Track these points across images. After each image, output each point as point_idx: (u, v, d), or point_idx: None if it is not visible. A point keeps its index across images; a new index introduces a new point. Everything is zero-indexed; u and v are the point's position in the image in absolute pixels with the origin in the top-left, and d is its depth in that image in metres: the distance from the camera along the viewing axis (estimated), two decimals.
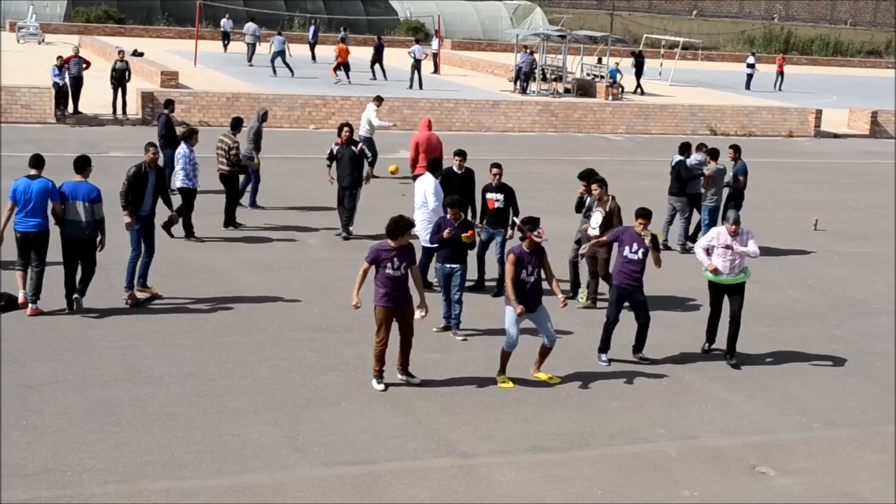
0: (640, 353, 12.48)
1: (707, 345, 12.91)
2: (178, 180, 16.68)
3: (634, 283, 12.14)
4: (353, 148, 17.29)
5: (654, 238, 12.12)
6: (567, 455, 9.74)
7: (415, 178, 18.46)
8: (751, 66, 48.24)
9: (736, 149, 18.28)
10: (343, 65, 39.58)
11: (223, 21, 50.36)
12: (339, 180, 17.29)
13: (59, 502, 8.30)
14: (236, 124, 18.17)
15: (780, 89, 48.49)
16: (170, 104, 20.08)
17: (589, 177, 14.40)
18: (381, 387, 10.94)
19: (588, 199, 14.27)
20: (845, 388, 11.94)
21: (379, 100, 23.25)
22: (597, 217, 13.93)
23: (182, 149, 16.61)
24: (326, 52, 48.43)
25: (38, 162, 13.04)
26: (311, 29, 48.72)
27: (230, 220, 17.57)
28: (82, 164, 12.99)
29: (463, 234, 12.52)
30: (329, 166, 17.54)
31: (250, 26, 44.42)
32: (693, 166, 17.79)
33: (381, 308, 10.83)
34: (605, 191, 14.10)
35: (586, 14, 75.24)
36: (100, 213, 12.77)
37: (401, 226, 10.92)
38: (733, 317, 12.51)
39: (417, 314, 11.10)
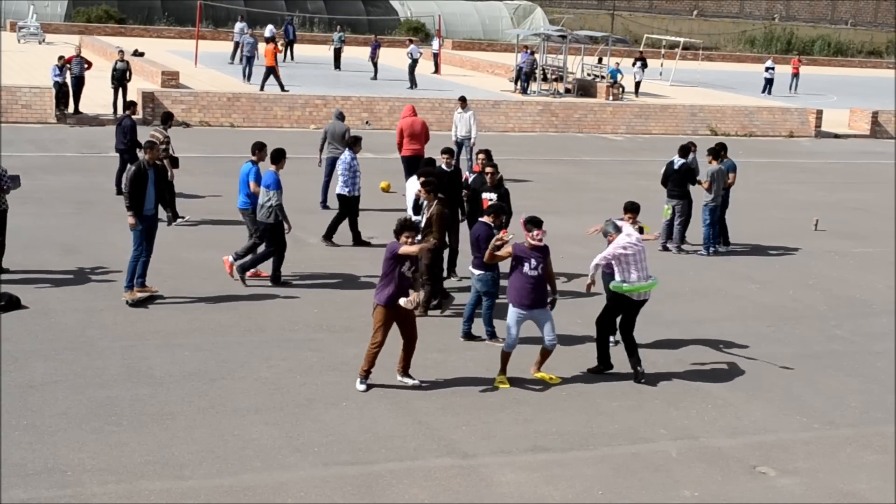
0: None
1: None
2: (337, 187, 16.67)
3: None
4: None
5: (640, 229, 12.49)
6: (567, 455, 9.74)
7: (403, 159, 19.85)
8: (770, 69, 46.63)
9: (723, 147, 18.23)
10: (267, 69, 34.61)
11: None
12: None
13: (59, 502, 8.30)
14: (166, 119, 18.27)
15: (795, 91, 48.11)
16: (131, 105, 19.93)
17: (424, 177, 13.67)
18: (363, 387, 10.88)
19: (423, 200, 13.55)
20: (845, 388, 11.94)
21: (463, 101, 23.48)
22: (424, 220, 13.21)
23: (344, 155, 16.54)
24: (314, 51, 48.45)
25: (254, 147, 14.88)
26: (289, 28, 48.06)
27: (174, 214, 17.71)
28: (275, 156, 14.57)
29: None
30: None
31: (239, 25, 44.22)
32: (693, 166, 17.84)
33: (384, 308, 10.73)
34: (433, 196, 13.26)
35: (587, 14, 75.24)
36: (275, 200, 14.09)
37: (407, 227, 10.87)
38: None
39: (406, 300, 10.68)
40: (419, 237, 12.61)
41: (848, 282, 16.74)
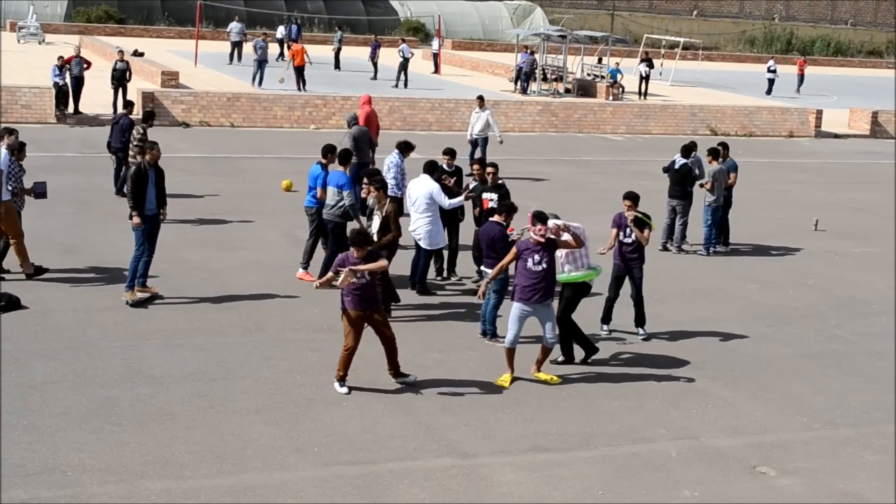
0: (643, 327, 13.14)
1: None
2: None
3: (630, 263, 12.97)
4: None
5: (636, 218, 12.80)
6: (567, 455, 9.74)
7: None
8: (772, 70, 46.37)
9: (724, 147, 18.25)
10: (298, 69, 35.29)
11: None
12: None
13: (59, 502, 8.30)
14: (148, 117, 18.18)
15: (798, 92, 48.04)
16: (129, 105, 19.95)
17: (370, 176, 13.62)
18: (345, 390, 10.82)
19: (371, 201, 13.47)
20: (845, 388, 11.94)
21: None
22: (376, 221, 13.14)
23: (393, 157, 16.43)
24: (314, 51, 48.48)
25: (324, 151, 14.86)
26: (293, 28, 47.99)
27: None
28: (343, 156, 14.74)
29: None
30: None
31: (237, 26, 44.22)
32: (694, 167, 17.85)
33: (349, 311, 10.71)
34: (384, 194, 13.25)
35: (587, 14, 75.24)
36: (349, 200, 14.01)
37: (358, 241, 10.71)
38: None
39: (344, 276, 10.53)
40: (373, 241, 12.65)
41: (848, 282, 16.74)
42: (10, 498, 8.28)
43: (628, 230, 12.89)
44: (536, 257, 11.10)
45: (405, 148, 16.24)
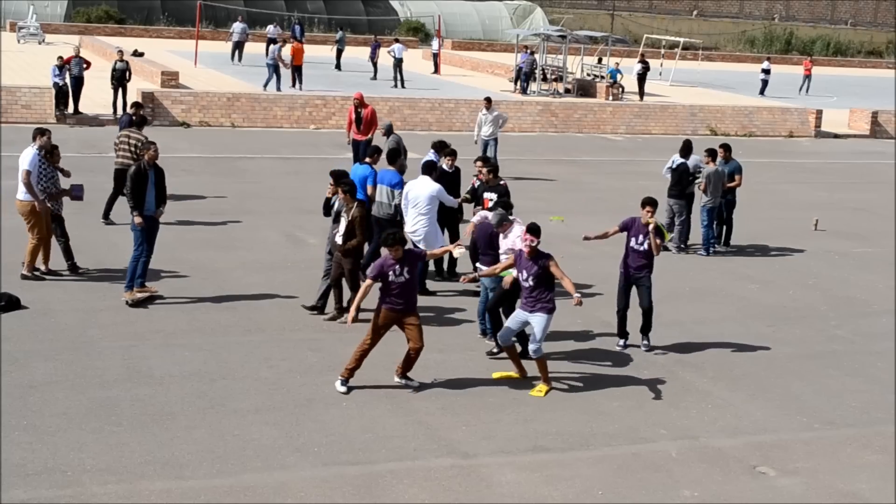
0: (647, 336, 12.77)
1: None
2: None
3: (639, 271, 12.59)
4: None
5: (656, 227, 12.49)
6: (567, 455, 9.74)
7: (355, 143, 21.16)
8: (766, 71, 46.23)
9: (727, 148, 18.27)
10: (296, 68, 35.97)
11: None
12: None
13: (59, 502, 8.30)
14: (142, 123, 18.16)
15: (807, 93, 47.98)
16: (136, 105, 19.95)
17: (337, 178, 13.30)
18: (344, 389, 10.82)
19: (336, 202, 13.18)
20: (845, 388, 11.94)
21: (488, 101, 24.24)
22: (342, 224, 12.86)
23: (429, 157, 16.36)
24: (315, 51, 48.51)
25: (372, 150, 15.22)
26: (296, 28, 48.04)
27: (108, 213, 17.55)
28: (391, 156, 15.08)
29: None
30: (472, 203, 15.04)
31: (240, 26, 44.20)
32: (693, 168, 17.83)
33: (384, 310, 10.72)
34: (351, 197, 12.88)
35: (586, 14, 75.27)
36: (399, 199, 14.16)
37: (397, 238, 10.76)
38: None
39: (457, 252, 11.53)
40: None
41: (848, 282, 16.74)
42: (10, 498, 8.28)
43: (641, 237, 12.43)
44: (525, 273, 11.09)
45: (440, 148, 16.15)
